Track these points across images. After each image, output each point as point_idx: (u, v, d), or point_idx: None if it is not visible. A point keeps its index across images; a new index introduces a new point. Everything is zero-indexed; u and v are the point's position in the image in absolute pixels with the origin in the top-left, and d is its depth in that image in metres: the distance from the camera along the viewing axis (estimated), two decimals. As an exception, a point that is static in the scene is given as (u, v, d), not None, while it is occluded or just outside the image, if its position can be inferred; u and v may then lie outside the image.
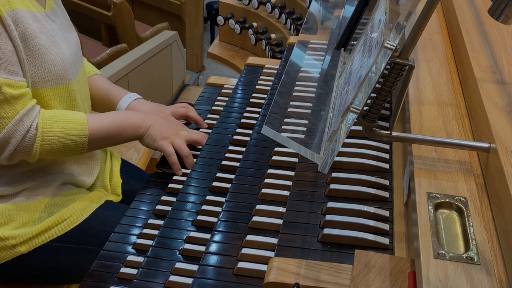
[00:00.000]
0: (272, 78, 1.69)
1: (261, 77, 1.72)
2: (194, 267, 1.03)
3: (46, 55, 1.25)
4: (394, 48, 0.76)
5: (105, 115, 1.37)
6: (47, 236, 1.32)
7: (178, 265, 1.07)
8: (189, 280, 1.03)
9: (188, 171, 1.36)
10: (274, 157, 1.23)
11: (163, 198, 1.31)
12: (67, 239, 1.34)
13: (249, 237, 1.04)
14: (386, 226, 0.95)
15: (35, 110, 1.25)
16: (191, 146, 1.43)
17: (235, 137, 1.43)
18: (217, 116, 1.57)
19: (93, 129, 1.31)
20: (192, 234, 1.14)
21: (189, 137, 1.42)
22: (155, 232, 1.19)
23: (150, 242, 1.16)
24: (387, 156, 1.12)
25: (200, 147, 1.43)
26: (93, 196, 1.41)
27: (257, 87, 1.66)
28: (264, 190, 1.14)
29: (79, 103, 1.36)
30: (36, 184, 1.34)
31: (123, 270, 1.12)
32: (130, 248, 1.19)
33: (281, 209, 1.08)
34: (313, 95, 1.14)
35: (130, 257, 1.15)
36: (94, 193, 1.43)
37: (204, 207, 1.20)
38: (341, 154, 1.11)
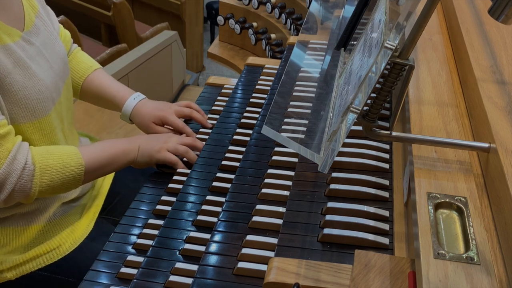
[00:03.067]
0: (272, 78, 1.69)
1: (261, 77, 1.72)
2: (194, 267, 1.03)
3: (21, 91, 1.19)
4: (394, 48, 0.76)
5: (94, 146, 1.36)
6: (34, 264, 1.30)
7: (178, 265, 1.07)
8: (189, 280, 1.03)
9: (188, 171, 1.36)
10: (274, 157, 1.23)
11: (163, 198, 1.31)
12: (57, 270, 1.32)
13: (249, 237, 1.04)
14: (386, 226, 0.95)
15: (24, 145, 1.20)
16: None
17: (235, 137, 1.43)
18: (217, 116, 1.57)
19: (87, 160, 1.28)
20: (192, 234, 1.14)
21: (180, 141, 1.42)
22: (155, 232, 1.19)
23: (150, 242, 1.16)
24: (387, 156, 1.12)
25: (197, 153, 1.43)
26: (82, 224, 1.39)
27: (257, 87, 1.66)
28: (264, 190, 1.14)
29: (57, 133, 1.33)
30: (30, 209, 1.31)
31: (123, 270, 1.12)
32: (130, 248, 1.19)
33: (281, 209, 1.08)
34: (313, 95, 1.14)
35: (130, 257, 1.15)
36: (83, 219, 1.40)
37: (204, 207, 1.20)
38: (341, 154, 1.11)
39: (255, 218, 1.08)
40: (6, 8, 1.23)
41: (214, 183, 1.27)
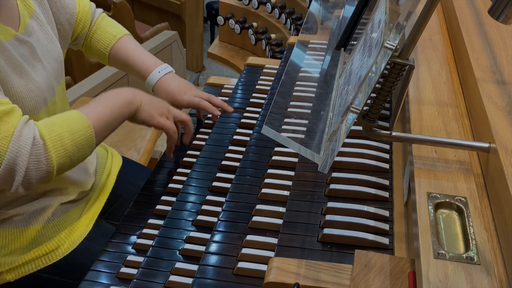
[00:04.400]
0: (272, 78, 1.69)
1: (261, 77, 1.72)
2: (194, 267, 1.03)
3: (13, 88, 1.17)
4: (394, 48, 0.76)
5: (95, 102, 1.27)
6: (34, 266, 1.30)
7: (178, 265, 1.07)
8: (189, 280, 1.03)
9: (188, 171, 1.36)
10: (274, 157, 1.23)
11: (163, 198, 1.31)
12: (56, 271, 1.32)
13: (249, 237, 1.04)
14: (386, 226, 0.95)
15: (31, 121, 1.14)
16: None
17: (235, 137, 1.43)
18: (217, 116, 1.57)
19: (93, 120, 1.21)
20: (192, 234, 1.14)
21: (179, 116, 1.40)
22: (155, 232, 1.19)
23: (150, 242, 1.16)
24: (387, 156, 1.12)
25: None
26: (81, 225, 1.38)
27: (257, 87, 1.66)
28: (264, 190, 1.14)
29: None
30: (29, 210, 1.31)
31: (123, 270, 1.12)
32: (130, 248, 1.19)
33: (281, 209, 1.08)
34: (313, 95, 1.14)
35: (130, 257, 1.15)
36: (82, 220, 1.40)
37: (204, 207, 1.20)
38: (341, 154, 1.11)
39: (255, 218, 1.08)
40: (1, 9, 1.21)
41: (214, 183, 1.27)
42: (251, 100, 1.59)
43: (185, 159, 1.42)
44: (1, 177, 1.08)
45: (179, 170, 1.39)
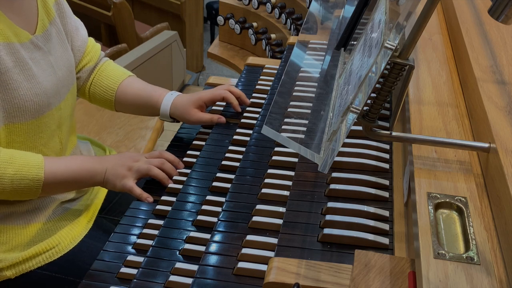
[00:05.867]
0: (272, 78, 1.69)
1: (261, 77, 1.72)
2: (194, 267, 1.03)
3: (16, 90, 1.20)
4: (394, 48, 0.77)
5: (63, 160, 1.31)
6: (34, 263, 1.30)
7: (178, 265, 1.07)
8: (189, 280, 1.03)
9: (188, 171, 1.36)
10: (274, 157, 1.23)
11: (163, 198, 1.31)
12: (56, 268, 1.32)
13: (249, 237, 1.04)
14: (386, 226, 0.95)
15: None
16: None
17: (235, 137, 1.43)
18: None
19: (49, 174, 1.24)
20: (192, 234, 1.14)
21: (148, 163, 1.36)
22: (155, 232, 1.19)
23: (150, 242, 1.16)
24: (387, 156, 1.12)
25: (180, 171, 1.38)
26: (82, 222, 1.39)
27: (257, 87, 1.66)
28: (264, 190, 1.14)
29: (48, 136, 1.31)
30: (29, 208, 1.31)
31: (123, 270, 1.12)
32: (130, 248, 1.19)
33: (281, 209, 1.08)
34: (313, 95, 1.14)
35: (130, 257, 1.15)
36: (82, 217, 1.40)
37: (204, 207, 1.20)
38: (341, 154, 1.11)
39: (255, 218, 1.08)
40: (19, 11, 1.24)
41: (214, 183, 1.27)
42: (251, 100, 1.59)
43: (185, 159, 1.42)
44: None
45: (179, 170, 1.39)
